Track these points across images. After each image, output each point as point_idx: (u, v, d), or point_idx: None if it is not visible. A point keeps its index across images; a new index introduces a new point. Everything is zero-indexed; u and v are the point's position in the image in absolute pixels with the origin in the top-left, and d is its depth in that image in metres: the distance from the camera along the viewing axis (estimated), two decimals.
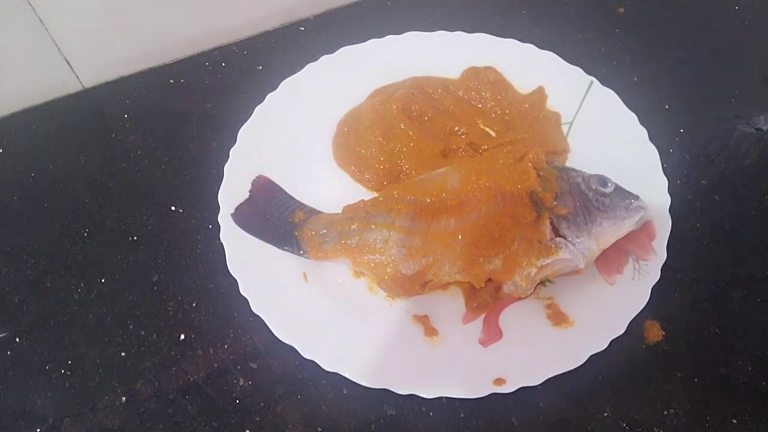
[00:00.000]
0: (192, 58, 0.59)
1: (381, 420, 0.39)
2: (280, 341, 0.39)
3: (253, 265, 0.42)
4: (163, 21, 0.57)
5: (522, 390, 0.38)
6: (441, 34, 0.55)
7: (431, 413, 0.39)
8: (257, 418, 0.40)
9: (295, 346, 0.39)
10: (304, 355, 0.38)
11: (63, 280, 0.45)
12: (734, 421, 0.39)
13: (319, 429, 0.38)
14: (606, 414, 0.39)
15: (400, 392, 0.37)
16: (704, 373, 0.40)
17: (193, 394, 0.40)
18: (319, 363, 0.38)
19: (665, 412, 0.39)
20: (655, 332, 0.42)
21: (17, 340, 0.43)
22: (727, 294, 0.44)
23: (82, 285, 0.45)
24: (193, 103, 0.55)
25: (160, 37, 0.58)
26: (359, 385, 0.38)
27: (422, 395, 0.38)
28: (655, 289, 0.44)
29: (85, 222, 0.48)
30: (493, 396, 0.39)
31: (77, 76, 0.57)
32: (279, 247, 0.44)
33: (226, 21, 0.60)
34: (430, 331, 0.41)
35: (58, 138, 0.53)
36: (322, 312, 0.42)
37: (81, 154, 0.52)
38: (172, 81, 0.56)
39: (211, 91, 0.56)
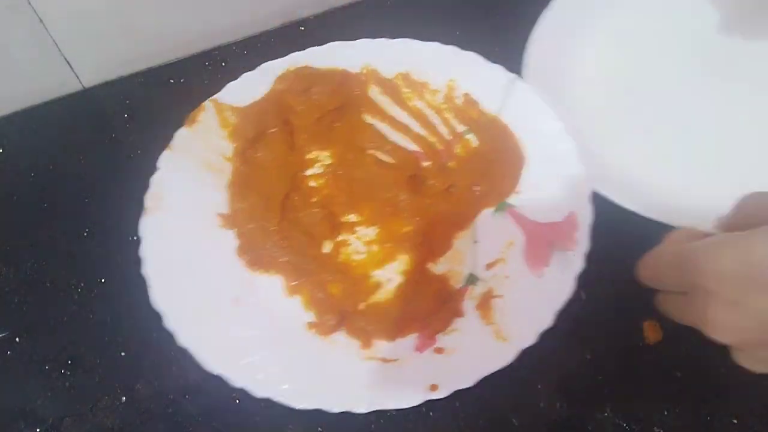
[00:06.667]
0: (192, 58, 0.59)
1: (381, 420, 0.39)
2: None
3: (179, 295, 0.42)
4: (163, 21, 0.57)
5: (522, 390, 0.38)
6: (363, 42, 0.54)
7: (431, 413, 0.39)
8: (257, 418, 0.40)
9: (225, 376, 0.38)
10: (233, 385, 0.38)
11: (63, 280, 0.45)
12: (734, 421, 0.39)
13: (319, 429, 0.38)
14: (606, 414, 0.39)
15: (334, 411, 0.37)
16: (704, 373, 0.40)
17: (193, 394, 0.40)
18: (249, 390, 0.38)
19: (665, 412, 0.39)
20: (655, 332, 0.42)
21: (17, 340, 0.43)
22: None
23: (82, 285, 0.45)
24: (193, 103, 0.55)
25: (160, 37, 0.58)
26: None
27: (355, 411, 0.37)
28: (655, 289, 0.44)
29: (85, 222, 0.48)
30: (493, 396, 0.39)
31: (77, 76, 0.57)
32: None
33: (226, 21, 0.60)
34: (367, 343, 0.41)
35: (58, 138, 0.53)
36: (253, 336, 0.41)
37: (81, 154, 0.52)
38: (172, 81, 0.56)
39: (211, 91, 0.56)
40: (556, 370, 0.41)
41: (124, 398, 0.40)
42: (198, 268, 0.44)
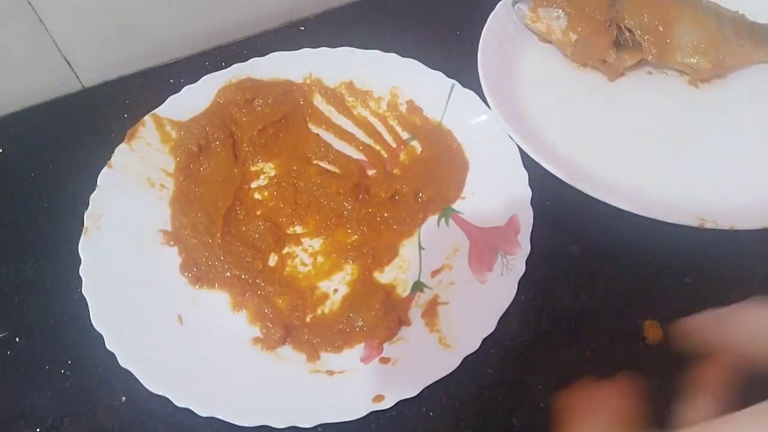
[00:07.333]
0: (192, 58, 0.59)
1: (381, 420, 0.39)
2: None
3: (121, 315, 0.41)
4: (163, 21, 0.57)
5: (522, 390, 0.38)
6: (306, 51, 0.55)
7: (431, 413, 0.39)
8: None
9: (168, 396, 0.38)
10: (176, 404, 0.38)
11: (63, 280, 0.45)
12: None
13: (319, 429, 0.38)
14: None
15: (279, 426, 0.37)
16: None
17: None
18: (193, 410, 0.37)
19: (665, 412, 0.39)
20: (655, 332, 0.42)
21: (17, 340, 0.43)
22: (727, 294, 0.44)
23: (82, 285, 0.45)
24: None
25: (160, 37, 0.58)
26: None
27: (301, 426, 0.37)
28: (655, 289, 0.44)
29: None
30: (493, 396, 0.39)
31: (77, 76, 0.57)
32: None
33: (226, 21, 0.60)
34: (313, 356, 0.41)
35: (58, 138, 0.53)
36: (197, 355, 0.40)
37: (81, 154, 0.52)
38: (172, 81, 0.56)
39: None
40: (556, 370, 0.41)
41: (124, 398, 0.40)
42: (140, 286, 0.43)
